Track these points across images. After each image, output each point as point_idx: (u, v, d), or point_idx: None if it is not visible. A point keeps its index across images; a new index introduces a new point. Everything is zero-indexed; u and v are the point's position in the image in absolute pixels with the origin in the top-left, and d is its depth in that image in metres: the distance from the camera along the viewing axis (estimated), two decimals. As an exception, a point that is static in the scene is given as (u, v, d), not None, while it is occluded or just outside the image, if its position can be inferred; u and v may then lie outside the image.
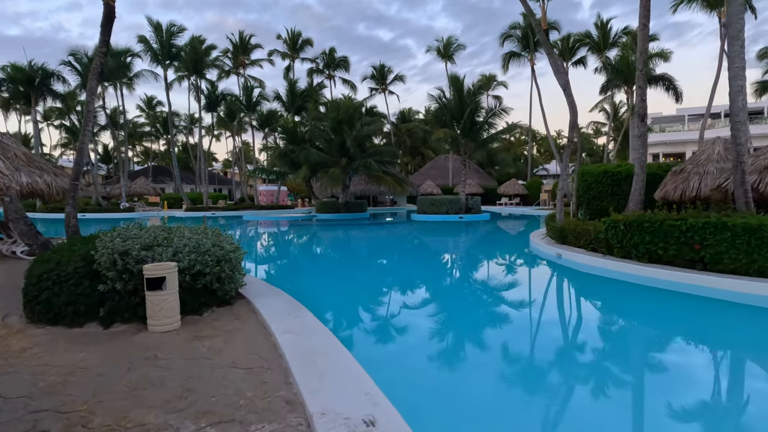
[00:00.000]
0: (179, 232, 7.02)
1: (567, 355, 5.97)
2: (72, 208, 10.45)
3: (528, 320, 7.72)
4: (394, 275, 12.54)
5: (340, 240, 22.39)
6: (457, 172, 57.09)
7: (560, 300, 9.37)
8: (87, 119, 11.09)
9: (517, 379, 5.14)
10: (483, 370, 5.32)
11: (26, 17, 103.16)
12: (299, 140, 35.14)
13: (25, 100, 43.78)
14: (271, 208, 42.90)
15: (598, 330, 7.20)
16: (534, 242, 15.37)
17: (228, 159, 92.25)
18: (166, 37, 38.37)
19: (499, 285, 10.46)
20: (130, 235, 6.37)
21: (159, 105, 64.15)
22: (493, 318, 7.84)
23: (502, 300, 9.10)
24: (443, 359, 5.75)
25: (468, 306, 8.77)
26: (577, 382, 5.00)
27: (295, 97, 44.06)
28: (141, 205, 43.55)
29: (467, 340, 6.64)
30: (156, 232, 6.65)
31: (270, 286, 7.55)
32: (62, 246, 8.08)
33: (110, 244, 5.97)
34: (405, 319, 7.68)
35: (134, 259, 5.70)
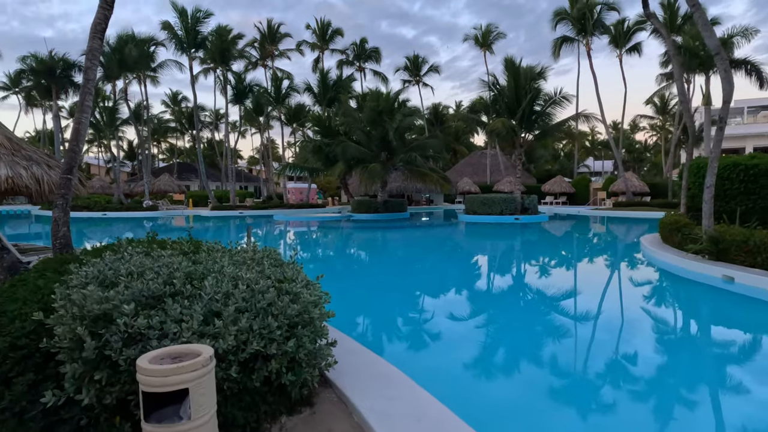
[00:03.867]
0: (212, 261, 3.97)
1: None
2: (61, 211, 7.52)
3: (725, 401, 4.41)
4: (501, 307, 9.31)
5: (393, 247, 19.22)
6: (495, 169, 53.55)
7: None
8: (85, 90, 8.16)
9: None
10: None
11: (59, 19, 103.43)
12: (334, 133, 32.18)
13: (47, 93, 42.00)
14: (301, 207, 40.09)
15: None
16: (659, 254, 11.95)
17: (253, 156, 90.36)
18: (191, 23, 35.84)
19: (640, 327, 7.13)
20: (121, 272, 3.32)
21: (184, 100, 62.15)
22: (655, 388, 4.61)
23: (659, 359, 5.80)
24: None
25: (603, 356, 5.51)
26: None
27: (327, 88, 41.11)
28: (165, 204, 41.22)
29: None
30: (171, 264, 3.61)
31: (367, 352, 4.41)
32: (26, 277, 5.10)
33: (77, 295, 2.92)
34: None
35: (121, 337, 2.62)
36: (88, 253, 6.46)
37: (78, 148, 8.10)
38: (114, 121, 41.85)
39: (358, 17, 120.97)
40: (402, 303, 9.15)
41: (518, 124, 26.71)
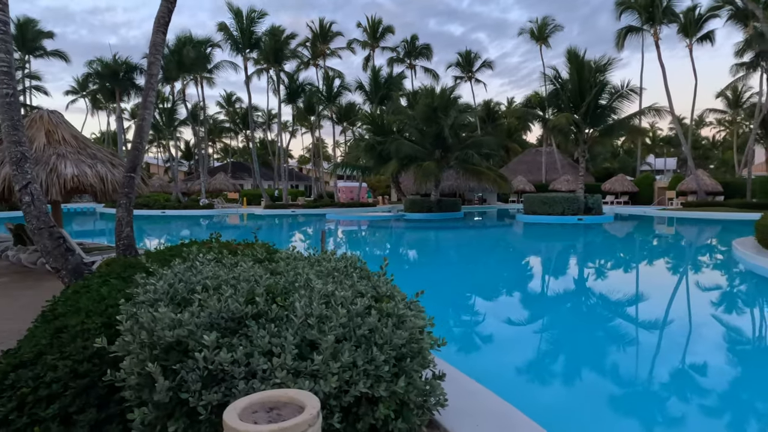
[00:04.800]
0: (293, 271, 3.42)
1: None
2: (125, 210, 7.27)
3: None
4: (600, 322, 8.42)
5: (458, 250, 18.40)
6: (550, 167, 51.48)
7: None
8: (148, 86, 7.90)
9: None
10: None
11: (122, 27, 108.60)
12: (387, 131, 31.64)
13: (110, 96, 43.82)
14: (352, 206, 39.89)
15: None
16: (760, 260, 10.61)
17: (303, 155, 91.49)
18: (246, 24, 36.24)
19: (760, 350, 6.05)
20: (193, 285, 2.81)
21: (238, 101, 63.44)
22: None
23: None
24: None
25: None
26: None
27: (378, 86, 40.68)
28: (220, 202, 42.05)
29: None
30: (248, 275, 3.07)
31: (469, 380, 3.73)
32: (90, 282, 4.75)
33: (146, 316, 2.40)
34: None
35: (199, 375, 2.07)
36: (151, 255, 6.12)
37: (141, 145, 7.85)
38: (172, 121, 43.08)
39: (406, 16, 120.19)
40: (493, 315, 8.38)
41: (582, 119, 25.23)
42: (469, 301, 9.38)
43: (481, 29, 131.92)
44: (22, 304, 6.97)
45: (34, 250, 9.68)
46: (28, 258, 9.72)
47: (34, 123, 9.06)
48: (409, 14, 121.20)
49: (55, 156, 8.57)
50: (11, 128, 6.12)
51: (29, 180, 5.99)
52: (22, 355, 3.06)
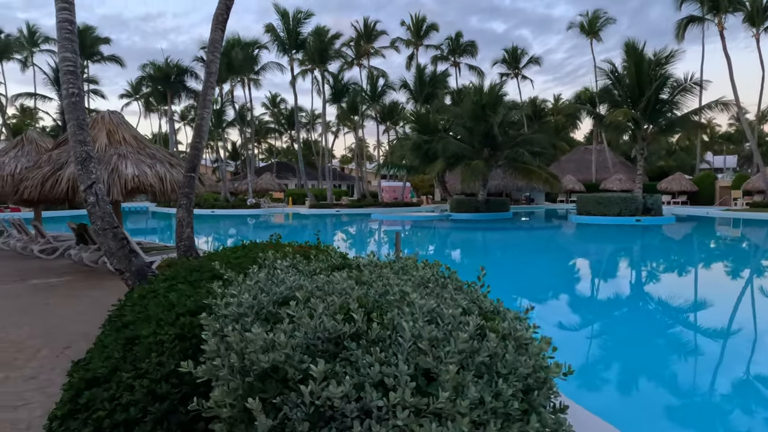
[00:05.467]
0: (381, 281, 3.07)
1: None
2: (185, 211, 7.16)
3: None
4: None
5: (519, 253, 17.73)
6: (600, 166, 49.53)
7: None
8: (207, 84, 7.77)
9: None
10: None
11: (172, 32, 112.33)
12: (433, 130, 31.12)
13: (162, 98, 45.22)
14: (396, 206, 39.56)
15: None
16: None
17: (346, 155, 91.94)
18: (293, 25, 36.53)
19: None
20: (275, 296, 2.50)
21: (282, 102, 64.33)
22: None
23: None
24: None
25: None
26: None
27: (423, 84, 40.18)
28: (266, 201, 42.64)
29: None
30: (335, 287, 2.73)
31: (588, 414, 3.28)
32: (156, 287, 4.56)
33: (234, 336, 2.08)
34: None
35: (305, 412, 1.72)
36: (214, 257, 5.93)
37: (200, 145, 7.73)
38: (221, 123, 43.99)
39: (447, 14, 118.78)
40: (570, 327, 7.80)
41: (641, 114, 23.92)
42: (544, 311, 8.82)
43: (525, 25, 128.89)
44: (86, 305, 6.96)
45: (96, 249, 9.79)
46: (89, 257, 9.85)
47: (96, 123, 9.14)
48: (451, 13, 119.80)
49: (116, 156, 8.60)
50: (77, 128, 6.07)
51: (94, 180, 5.91)
52: (95, 370, 2.83)
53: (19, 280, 8.85)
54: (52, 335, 5.50)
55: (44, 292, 7.82)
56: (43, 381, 4.14)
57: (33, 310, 6.68)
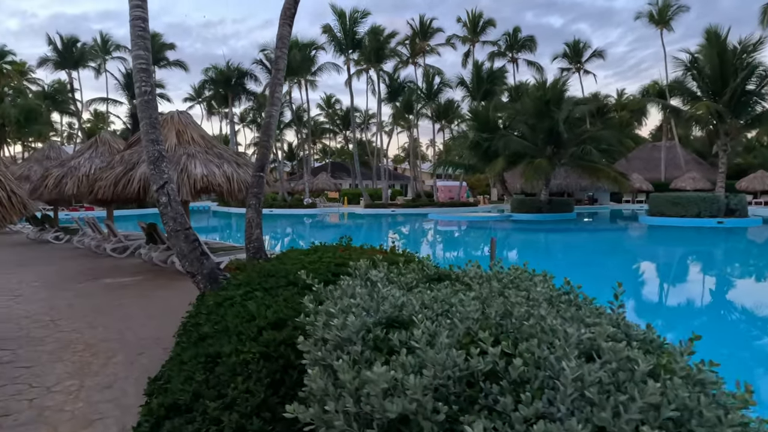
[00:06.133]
0: (493, 296, 2.56)
1: None
2: (254, 211, 6.94)
3: None
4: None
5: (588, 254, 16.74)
6: (670, 164, 46.52)
7: None
8: (274, 81, 7.54)
9: None
10: None
11: (231, 38, 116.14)
12: (492, 128, 30.14)
13: (223, 101, 46.59)
14: (452, 206, 38.77)
15: None
16: None
17: (399, 154, 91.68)
18: (349, 25, 36.55)
19: None
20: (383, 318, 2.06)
21: (337, 103, 64.82)
22: None
23: None
24: None
25: None
26: None
27: (481, 81, 39.15)
28: (322, 201, 42.98)
29: None
30: (465, 310, 2.25)
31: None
32: (231, 294, 4.27)
33: (347, 374, 1.64)
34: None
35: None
36: (286, 261, 5.63)
37: (269, 143, 7.50)
38: (279, 124, 44.77)
39: (502, 11, 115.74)
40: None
41: (725, 107, 22.03)
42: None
43: (584, 19, 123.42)
44: (157, 307, 6.88)
45: (165, 249, 9.85)
46: (159, 256, 9.92)
47: (165, 123, 9.16)
48: (506, 9, 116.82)
49: (186, 156, 8.56)
50: (149, 126, 5.94)
51: (166, 180, 5.76)
52: (175, 394, 2.52)
53: (93, 278, 9.00)
54: (125, 339, 5.38)
55: (117, 292, 7.86)
56: (118, 391, 3.93)
57: (106, 310, 6.66)
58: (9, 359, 4.72)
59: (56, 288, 8.17)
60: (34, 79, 47.72)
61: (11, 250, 13.69)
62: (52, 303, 7.08)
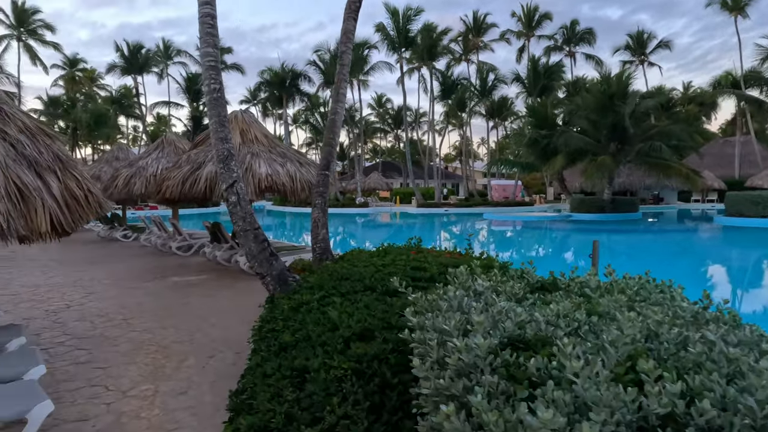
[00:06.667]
0: (617, 311, 2.12)
1: None
2: (320, 210, 6.76)
3: None
4: None
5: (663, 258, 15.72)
6: (745, 160, 43.28)
7: None
8: (340, 77, 7.33)
9: None
10: None
11: (284, 41, 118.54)
12: (551, 124, 29.01)
13: (278, 102, 47.50)
14: (507, 205, 37.70)
15: None
16: None
17: (450, 153, 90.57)
18: (402, 23, 36.28)
19: None
20: (507, 337, 1.70)
21: (388, 102, 64.71)
22: None
23: None
24: None
25: None
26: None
27: (538, 76, 37.86)
28: (374, 200, 42.97)
29: None
30: (626, 336, 1.85)
31: None
32: (307, 299, 4.04)
33: (490, 415, 1.28)
34: None
35: None
36: (356, 261, 5.38)
37: (334, 141, 7.30)
38: (331, 123, 45.15)
39: (557, 4, 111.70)
40: None
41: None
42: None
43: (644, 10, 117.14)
44: (224, 307, 6.82)
45: (229, 248, 9.89)
46: (222, 255, 9.98)
47: (229, 122, 9.14)
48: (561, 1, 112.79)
49: (250, 155, 8.52)
50: (218, 125, 5.86)
51: (235, 179, 5.64)
52: (264, 416, 2.28)
53: (161, 277, 9.13)
54: (196, 340, 5.29)
55: (183, 290, 7.90)
56: (192, 398, 3.79)
57: (175, 310, 6.66)
58: (86, 359, 4.71)
59: (126, 286, 8.32)
60: (103, 85, 50.39)
61: (83, 247, 14.29)
62: (122, 301, 7.17)
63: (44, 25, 41.13)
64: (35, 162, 3.87)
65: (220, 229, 10.09)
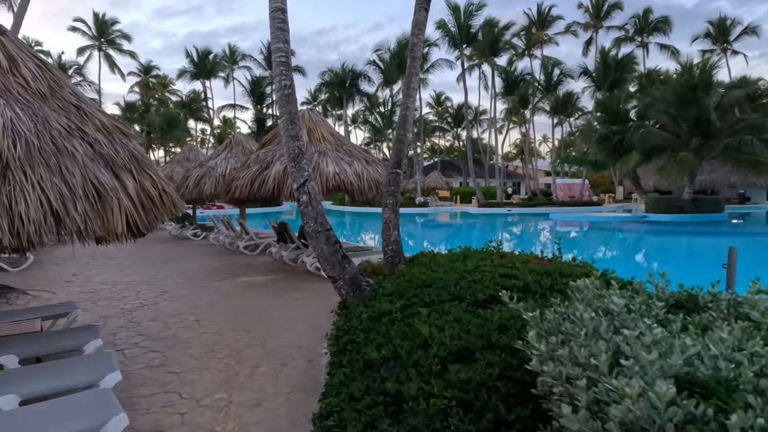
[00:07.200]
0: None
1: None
2: (391, 211, 6.43)
3: None
4: None
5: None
6: None
7: None
8: (411, 71, 6.98)
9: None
10: None
11: (342, 43, 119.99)
12: (623, 119, 27.30)
13: (338, 103, 48.00)
14: (574, 205, 35.99)
15: None
16: None
17: (510, 152, 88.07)
18: (464, 18, 35.50)
19: None
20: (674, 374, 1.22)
21: (447, 100, 63.77)
22: None
23: None
24: None
25: None
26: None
27: (608, 69, 35.89)
28: (433, 200, 42.41)
29: None
30: None
31: None
32: (387, 308, 3.71)
33: None
34: None
35: None
36: (435, 267, 5.00)
37: (405, 138, 6.94)
38: (390, 124, 45.04)
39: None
40: None
41: None
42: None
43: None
44: (293, 309, 6.65)
45: (295, 248, 9.80)
46: (289, 255, 9.91)
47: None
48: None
49: (317, 154, 8.35)
50: (289, 122, 5.66)
51: (306, 177, 5.42)
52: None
53: (230, 276, 9.16)
54: (267, 345, 5.11)
55: (253, 291, 7.84)
56: (269, 412, 3.55)
57: (246, 312, 6.56)
58: (160, 362, 4.63)
59: (198, 285, 8.38)
60: (174, 90, 52.92)
61: (157, 245, 14.79)
62: (194, 301, 7.18)
63: (122, 34, 43.71)
64: (112, 161, 3.78)
65: (286, 229, 10.02)
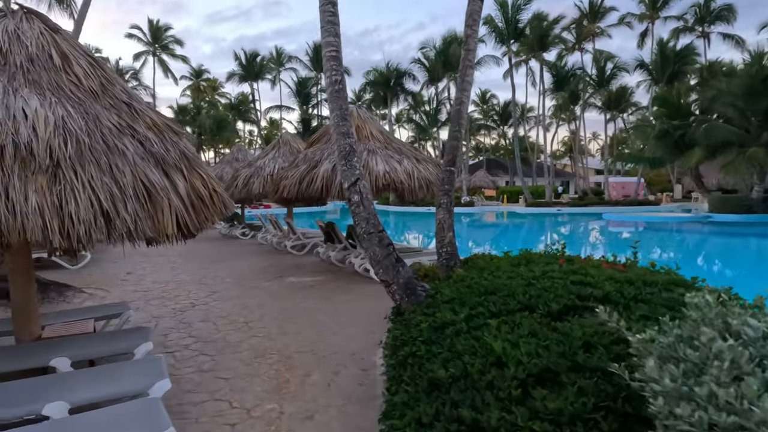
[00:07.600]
0: None
1: None
2: (446, 211, 6.12)
3: None
4: None
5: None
6: None
7: None
8: (465, 64, 6.62)
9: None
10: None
11: (386, 43, 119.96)
12: (684, 114, 25.78)
13: (382, 102, 47.92)
14: (629, 204, 34.38)
15: None
16: None
17: (558, 150, 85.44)
18: (511, 13, 34.57)
19: None
20: None
21: (492, 98, 62.45)
22: None
23: None
24: None
25: None
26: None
27: (666, 61, 34.02)
28: (479, 199, 41.61)
29: None
30: None
31: None
32: (451, 318, 3.41)
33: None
34: None
35: None
36: (496, 272, 4.65)
37: (459, 134, 6.61)
38: (435, 122, 44.54)
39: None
40: None
41: None
42: None
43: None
44: (342, 313, 6.43)
45: (342, 249, 9.63)
46: (336, 256, 9.75)
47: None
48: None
49: (366, 152, 8.12)
50: (340, 119, 5.43)
51: (358, 176, 5.18)
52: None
53: (278, 276, 9.08)
54: (318, 350, 4.90)
55: (301, 292, 7.69)
56: (320, 426, 3.32)
57: (294, 314, 6.40)
58: (209, 367, 4.50)
59: (247, 285, 8.33)
60: (223, 93, 54.33)
61: (207, 244, 15.02)
62: (244, 302, 7.10)
63: (174, 40, 45.23)
64: (162, 159, 3.66)
65: (334, 228, 9.87)
